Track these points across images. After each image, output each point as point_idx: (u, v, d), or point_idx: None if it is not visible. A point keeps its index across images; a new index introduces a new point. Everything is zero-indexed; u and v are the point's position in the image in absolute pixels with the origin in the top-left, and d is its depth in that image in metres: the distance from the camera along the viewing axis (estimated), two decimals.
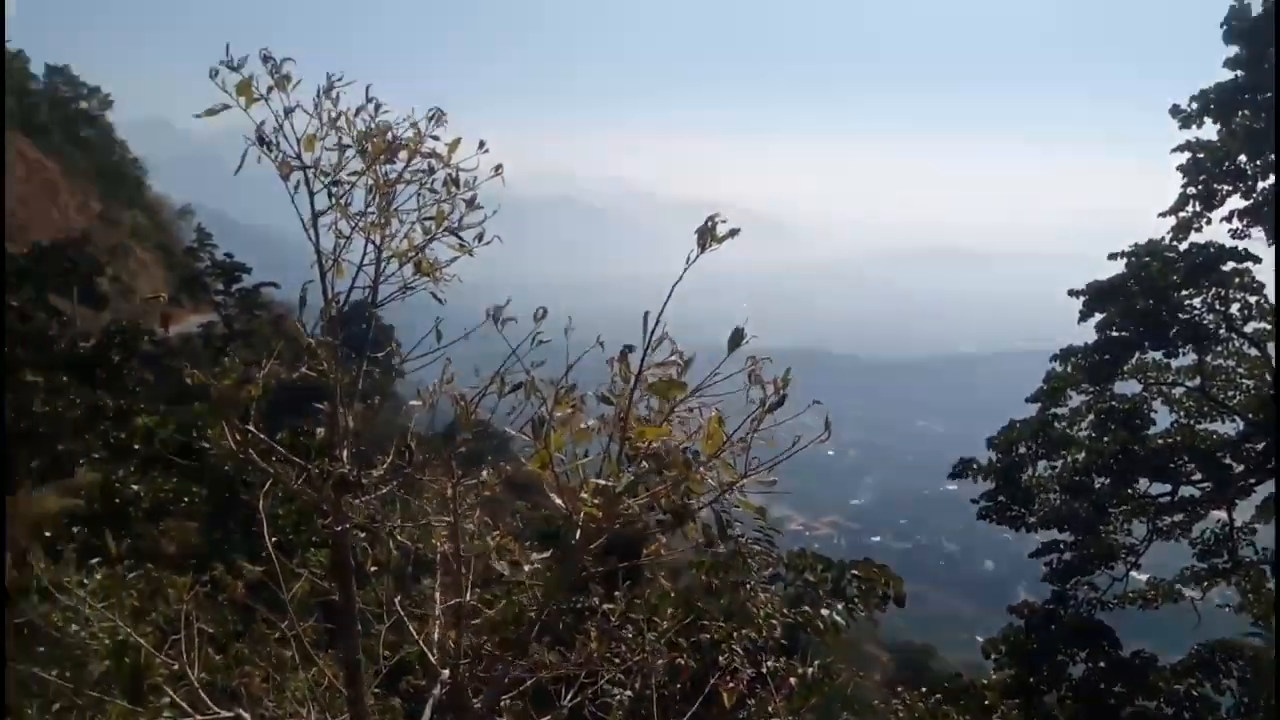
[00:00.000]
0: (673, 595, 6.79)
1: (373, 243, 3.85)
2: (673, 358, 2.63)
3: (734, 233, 2.74)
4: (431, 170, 4.01)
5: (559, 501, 2.83)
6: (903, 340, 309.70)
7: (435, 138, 4.01)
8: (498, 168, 4.28)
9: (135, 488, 15.42)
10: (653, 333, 2.59)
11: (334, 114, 3.49)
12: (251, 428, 3.28)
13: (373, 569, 3.83)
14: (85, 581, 4.37)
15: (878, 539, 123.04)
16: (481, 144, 4.13)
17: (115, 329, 25.43)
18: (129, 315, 33.56)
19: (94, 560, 7.03)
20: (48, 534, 15.34)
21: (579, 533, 2.92)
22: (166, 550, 18.05)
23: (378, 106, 3.89)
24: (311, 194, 3.45)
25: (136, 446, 17.84)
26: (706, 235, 2.70)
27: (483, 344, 3.91)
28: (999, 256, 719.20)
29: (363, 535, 3.71)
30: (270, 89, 3.29)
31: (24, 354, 23.19)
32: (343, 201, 3.52)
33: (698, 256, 2.69)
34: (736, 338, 2.59)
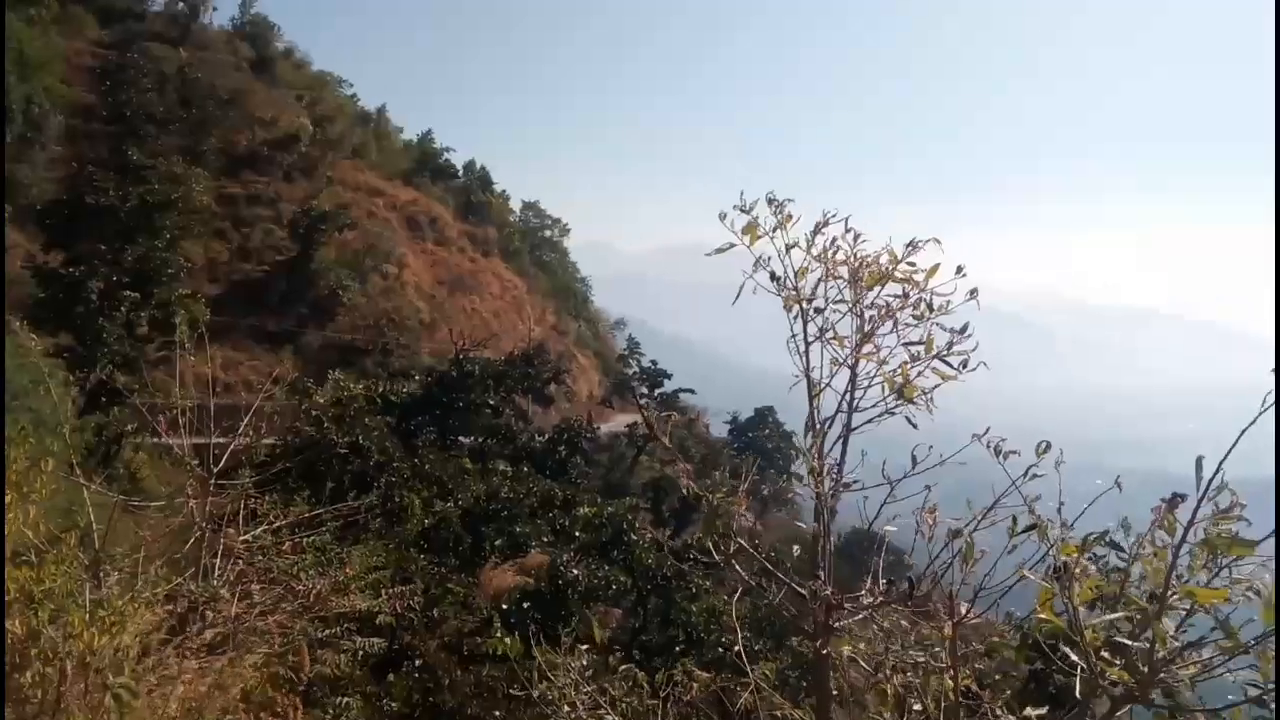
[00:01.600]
0: None
1: (848, 367, 3.95)
2: (1231, 510, 2.30)
3: None
4: (907, 296, 4.05)
5: (1074, 657, 2.58)
6: None
7: (912, 264, 4.06)
8: (973, 291, 4.20)
9: (575, 572, 17.07)
10: (1210, 480, 2.30)
11: (828, 247, 3.70)
12: (741, 540, 3.49)
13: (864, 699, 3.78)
14: (571, 665, 4.82)
15: None
16: (959, 269, 4.10)
17: (563, 426, 29.04)
18: (573, 414, 38.14)
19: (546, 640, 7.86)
20: (504, 606, 17.51)
21: (1102, 699, 2.62)
22: (597, 635, 19.68)
23: (856, 237, 4.04)
24: (805, 323, 3.66)
25: (578, 533, 19.89)
26: None
27: (954, 470, 3.79)
28: None
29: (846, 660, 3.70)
30: (776, 228, 3.60)
31: (494, 446, 27.33)
32: (831, 329, 3.68)
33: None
34: None
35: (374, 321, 51.81)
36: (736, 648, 4.20)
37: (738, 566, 3.69)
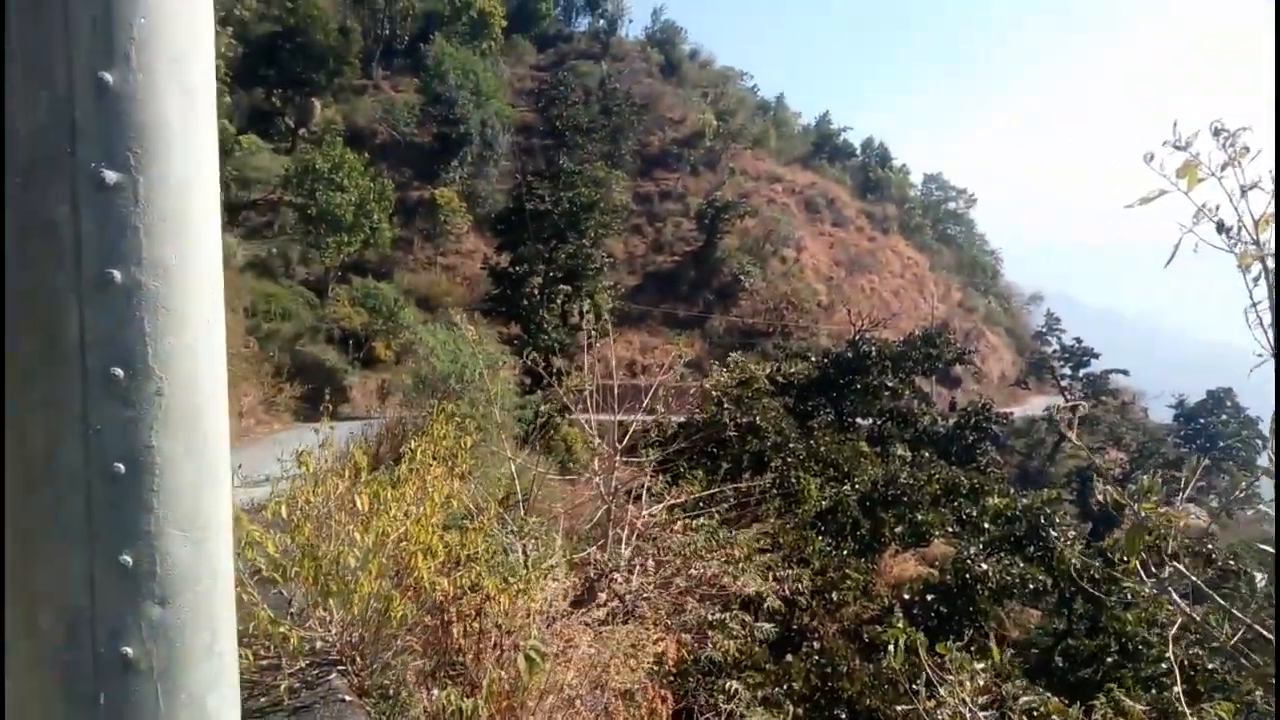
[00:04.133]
0: None
1: None
2: None
3: None
4: None
5: None
6: None
7: None
8: None
9: (984, 566, 15.82)
10: None
11: None
12: (1179, 565, 2.74)
13: None
14: (967, 680, 4.26)
15: None
16: None
17: (970, 410, 27.17)
18: (982, 396, 35.63)
19: (955, 642, 7.20)
20: (905, 596, 16.77)
21: None
22: (1009, 633, 18.13)
23: None
24: (1275, 287, 2.76)
25: (987, 525, 18.44)
26: None
27: None
28: None
29: None
30: (1224, 166, 2.76)
31: (892, 429, 26.40)
32: None
33: None
34: None
35: (773, 305, 53.07)
36: (1177, 689, 3.37)
37: (1174, 594, 2.92)
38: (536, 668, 5.06)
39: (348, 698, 4.47)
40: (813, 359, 26.64)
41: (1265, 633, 2.91)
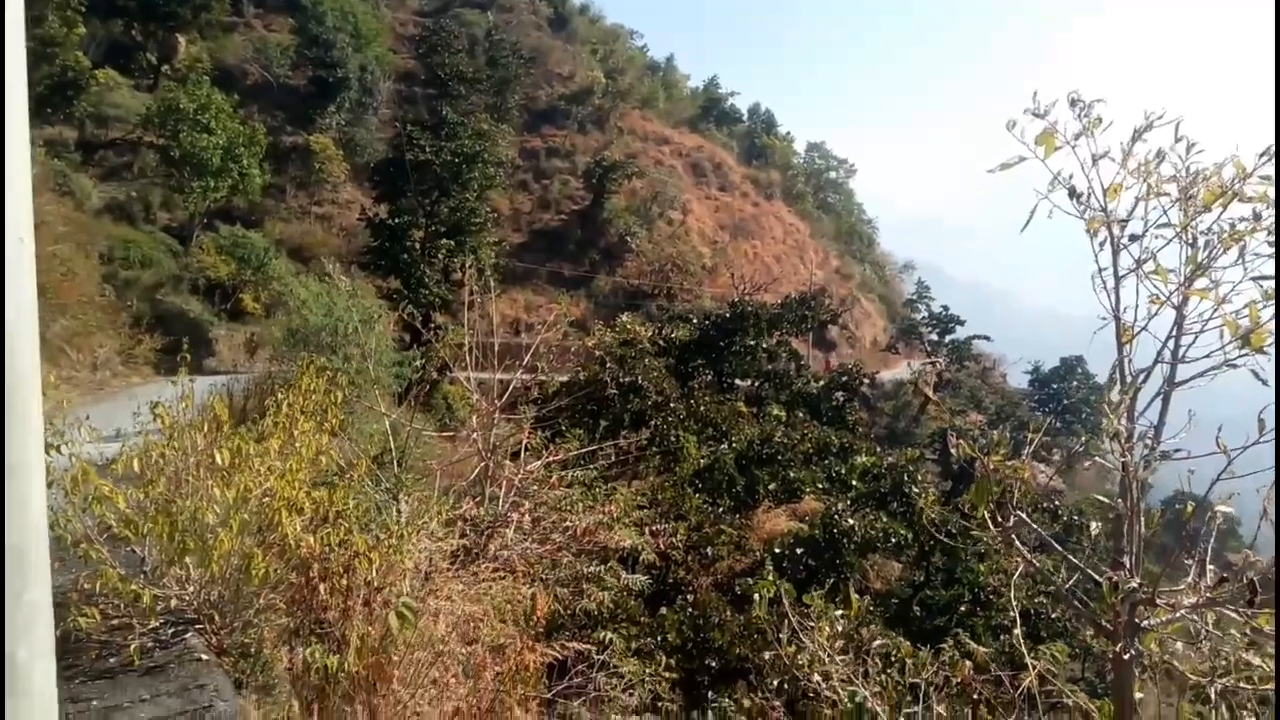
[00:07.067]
0: None
1: (1173, 306, 3.17)
2: None
3: None
4: (1258, 217, 3.18)
5: None
6: None
7: (1267, 177, 3.16)
8: None
9: (850, 522, 16.52)
10: None
11: (1149, 159, 2.94)
12: (1021, 513, 2.92)
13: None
14: (826, 627, 4.45)
15: None
16: None
17: (840, 371, 28.15)
18: (856, 360, 36.98)
19: (818, 591, 7.51)
20: (776, 550, 17.35)
21: None
22: (873, 585, 19.08)
23: (1190, 146, 3.21)
24: (1116, 251, 2.95)
25: (854, 483, 19.24)
26: None
27: None
28: None
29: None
30: (1078, 135, 2.91)
31: (769, 390, 27.13)
32: (1152, 259, 2.94)
33: None
34: None
35: (659, 266, 53.37)
36: (1017, 632, 3.61)
37: (1019, 542, 3.12)
38: (407, 624, 5.00)
39: (204, 656, 4.30)
40: (695, 321, 27.00)
41: (1097, 577, 3.14)
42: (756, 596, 5.18)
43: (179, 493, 4.92)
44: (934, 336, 50.56)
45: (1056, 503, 20.81)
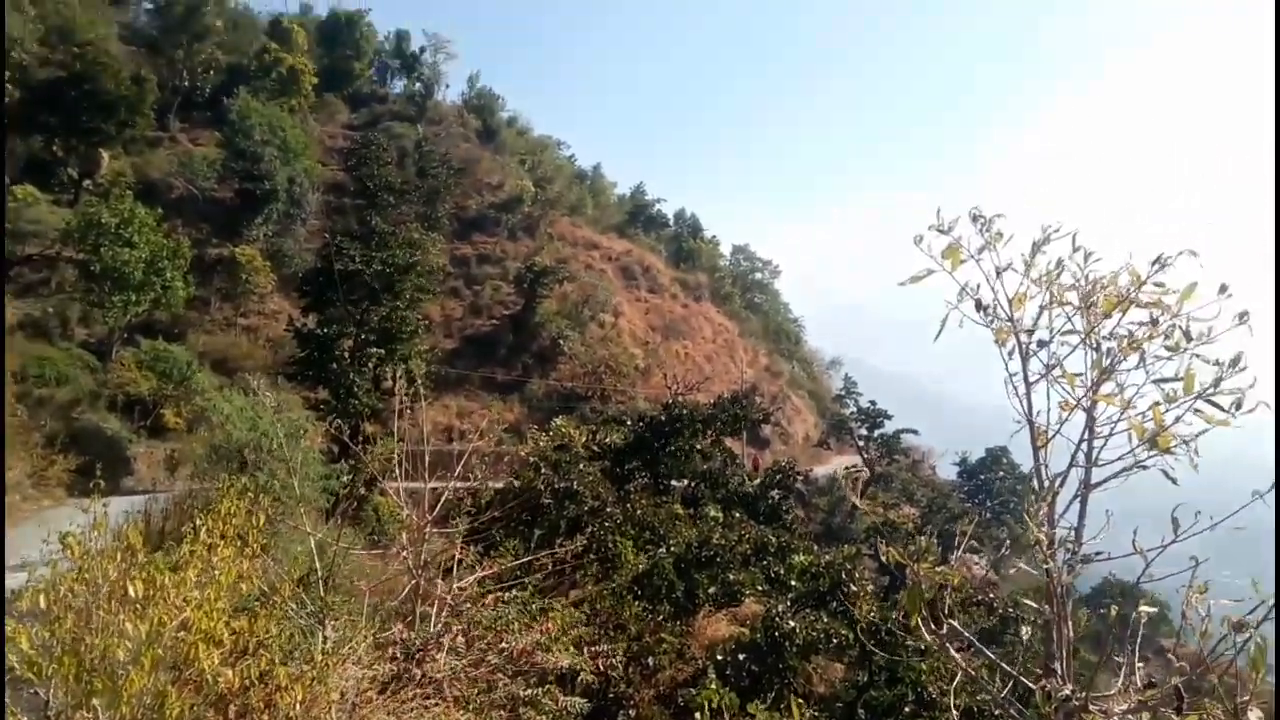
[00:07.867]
0: None
1: (1083, 409, 3.31)
2: None
3: None
4: (1156, 323, 3.37)
5: None
6: None
7: (1160, 285, 3.37)
8: (1242, 315, 3.43)
9: (791, 623, 16.34)
10: None
11: (1050, 269, 3.12)
12: (952, 621, 2.94)
13: None
14: None
15: None
16: (1224, 288, 3.35)
17: (774, 469, 28.30)
18: (789, 457, 37.29)
19: (761, 705, 7.36)
20: (719, 657, 17.00)
21: None
22: (816, 689, 18.74)
23: (1087, 256, 3.41)
24: (1025, 359, 3.08)
25: (793, 582, 19.12)
26: None
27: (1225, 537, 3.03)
28: None
29: None
30: (981, 249, 3.07)
31: (705, 490, 27.08)
32: (1059, 365, 3.08)
33: None
34: None
35: (592, 368, 53.57)
36: None
37: (952, 650, 3.13)
38: None
39: None
40: (629, 423, 26.99)
41: (1029, 683, 3.16)
42: (698, 713, 5.05)
43: (88, 629, 4.65)
44: (864, 431, 51.40)
45: (992, 595, 20.95)
